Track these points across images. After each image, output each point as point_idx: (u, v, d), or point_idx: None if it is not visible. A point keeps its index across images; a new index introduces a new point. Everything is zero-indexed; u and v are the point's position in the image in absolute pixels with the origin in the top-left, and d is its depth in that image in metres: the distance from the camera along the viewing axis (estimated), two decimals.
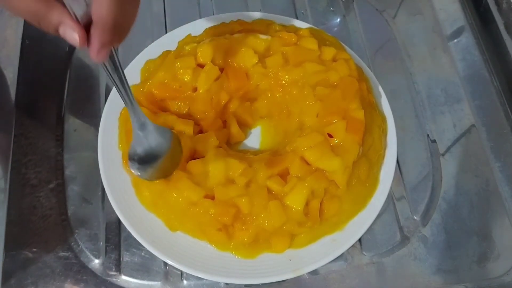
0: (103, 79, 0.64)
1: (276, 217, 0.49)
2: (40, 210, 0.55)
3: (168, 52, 0.61)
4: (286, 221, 0.49)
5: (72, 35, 0.35)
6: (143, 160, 0.46)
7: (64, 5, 0.34)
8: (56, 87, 0.63)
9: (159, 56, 0.61)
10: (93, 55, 0.36)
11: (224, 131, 0.56)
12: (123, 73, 0.41)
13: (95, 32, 0.35)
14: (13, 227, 0.54)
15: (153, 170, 0.47)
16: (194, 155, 0.53)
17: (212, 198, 0.49)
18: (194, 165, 0.51)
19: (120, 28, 0.36)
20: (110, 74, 0.40)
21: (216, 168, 0.50)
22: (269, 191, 0.50)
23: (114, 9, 0.34)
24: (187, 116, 0.56)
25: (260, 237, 0.50)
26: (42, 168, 0.58)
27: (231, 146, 0.57)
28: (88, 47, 0.36)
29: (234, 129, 0.57)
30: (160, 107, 0.56)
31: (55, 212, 0.55)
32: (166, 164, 0.47)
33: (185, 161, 0.51)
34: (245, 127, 0.59)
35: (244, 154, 0.54)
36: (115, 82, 0.41)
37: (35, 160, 0.58)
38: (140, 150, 0.46)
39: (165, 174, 0.49)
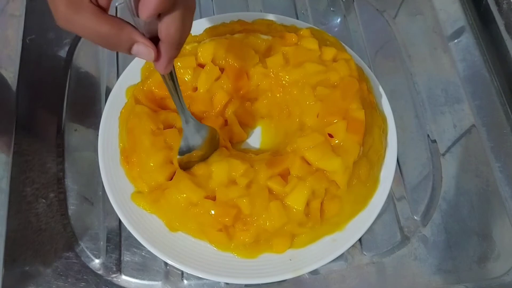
0: (104, 79, 0.64)
1: (277, 217, 0.49)
2: (40, 210, 0.55)
3: None
4: (287, 222, 0.49)
5: (148, 52, 0.37)
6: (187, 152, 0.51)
7: (131, 24, 0.37)
8: (57, 87, 0.63)
9: None
10: (162, 69, 0.39)
11: (226, 129, 0.56)
12: (177, 79, 0.45)
13: (163, 49, 0.38)
14: (14, 227, 0.54)
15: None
16: None
17: (213, 198, 0.49)
18: (197, 166, 0.51)
19: (182, 42, 0.39)
20: (167, 81, 0.44)
21: (219, 169, 0.50)
22: (270, 191, 0.50)
23: (180, 28, 0.37)
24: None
25: (261, 237, 0.50)
26: (43, 169, 0.58)
27: (233, 145, 0.57)
28: (155, 61, 0.39)
29: (236, 128, 0.57)
30: (160, 105, 0.56)
31: (56, 212, 0.55)
32: (205, 151, 0.52)
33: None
34: (246, 127, 0.59)
35: (245, 154, 0.54)
36: (170, 87, 0.45)
37: (36, 161, 0.58)
38: (187, 144, 0.51)
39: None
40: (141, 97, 0.55)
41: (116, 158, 0.55)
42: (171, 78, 0.44)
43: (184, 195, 0.49)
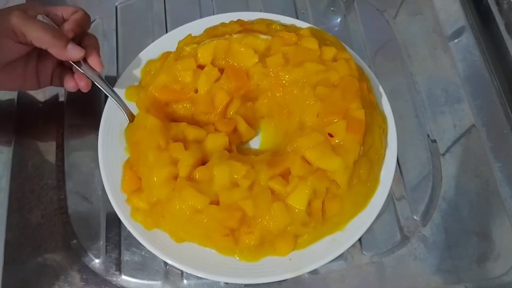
0: (105, 77, 0.64)
1: (281, 218, 0.49)
2: (40, 209, 0.55)
3: (168, 53, 0.61)
4: (290, 222, 0.49)
5: (79, 50, 0.52)
6: None
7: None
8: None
9: (159, 58, 0.61)
10: (98, 62, 0.54)
11: (237, 133, 0.56)
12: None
13: (93, 52, 0.54)
14: (14, 227, 0.54)
15: None
16: (204, 160, 0.52)
17: (217, 203, 0.49)
18: (199, 172, 0.50)
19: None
20: (99, 82, 0.56)
21: (220, 172, 0.49)
22: (272, 191, 0.50)
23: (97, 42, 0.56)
24: (196, 118, 0.57)
25: (265, 239, 0.50)
26: (43, 168, 0.58)
27: (240, 146, 0.57)
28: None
29: (243, 127, 0.56)
30: (166, 113, 0.56)
31: (55, 212, 0.55)
32: None
33: (193, 169, 0.51)
34: (249, 126, 0.58)
35: (244, 156, 0.54)
36: (104, 87, 0.56)
37: (36, 159, 0.58)
38: None
39: None
40: (148, 106, 0.55)
41: (116, 158, 0.55)
42: (101, 78, 0.55)
43: (189, 203, 0.49)
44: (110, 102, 0.58)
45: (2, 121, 0.60)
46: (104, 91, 0.56)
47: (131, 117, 0.56)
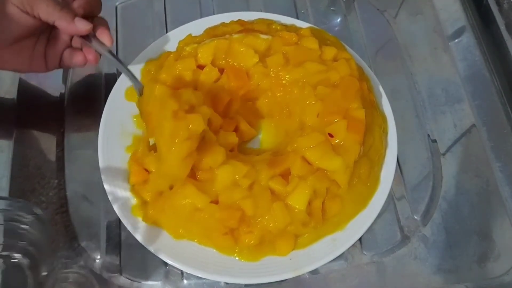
0: (104, 78, 0.64)
1: (281, 218, 0.49)
2: (41, 209, 0.55)
3: (168, 53, 0.61)
4: (291, 222, 0.49)
5: (86, 23, 0.51)
6: None
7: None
8: (57, 87, 0.63)
9: (159, 58, 0.61)
10: (108, 36, 0.54)
11: (238, 132, 0.56)
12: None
13: (102, 26, 0.54)
14: None
15: None
16: None
17: (216, 202, 0.49)
18: (204, 172, 0.50)
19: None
20: (110, 57, 0.55)
21: (224, 172, 0.49)
22: (272, 191, 0.50)
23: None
24: None
25: (265, 239, 0.50)
26: (43, 168, 0.58)
27: (241, 145, 0.57)
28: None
29: (244, 126, 0.56)
30: None
31: (56, 211, 0.55)
32: None
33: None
34: (251, 126, 0.58)
35: (245, 156, 0.54)
36: (115, 62, 0.56)
37: (36, 159, 0.58)
38: None
39: None
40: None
41: (116, 158, 0.55)
42: (111, 52, 0.55)
43: (190, 200, 0.49)
44: (111, 102, 0.58)
45: (2, 120, 0.60)
46: (116, 65, 0.56)
47: (142, 92, 0.55)
